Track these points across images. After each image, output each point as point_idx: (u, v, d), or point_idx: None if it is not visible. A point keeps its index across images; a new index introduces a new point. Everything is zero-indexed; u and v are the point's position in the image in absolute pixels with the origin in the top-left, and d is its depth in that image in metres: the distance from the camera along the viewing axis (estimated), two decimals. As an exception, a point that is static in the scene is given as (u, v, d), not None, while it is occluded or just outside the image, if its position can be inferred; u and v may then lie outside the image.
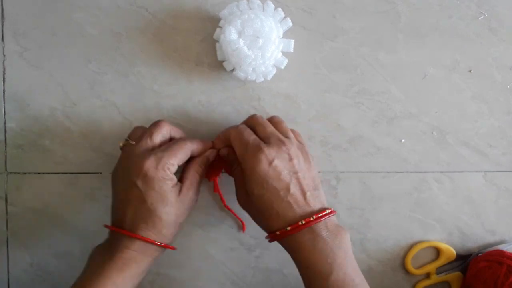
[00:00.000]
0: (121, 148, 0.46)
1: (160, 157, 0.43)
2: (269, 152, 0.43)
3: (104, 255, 0.43)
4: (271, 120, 0.47)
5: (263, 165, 0.42)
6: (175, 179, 0.44)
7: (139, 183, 0.42)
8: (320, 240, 0.42)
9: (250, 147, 0.43)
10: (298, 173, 0.43)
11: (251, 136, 0.45)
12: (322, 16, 0.52)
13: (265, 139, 0.45)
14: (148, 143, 0.44)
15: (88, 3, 0.51)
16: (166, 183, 0.43)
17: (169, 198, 0.43)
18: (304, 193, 0.43)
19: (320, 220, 0.42)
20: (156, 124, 0.46)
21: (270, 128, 0.46)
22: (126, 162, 0.44)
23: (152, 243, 0.43)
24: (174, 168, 0.44)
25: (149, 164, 0.42)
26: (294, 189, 0.43)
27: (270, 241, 0.44)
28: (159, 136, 0.45)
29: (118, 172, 0.45)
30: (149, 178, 0.42)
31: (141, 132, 0.46)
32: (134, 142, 0.45)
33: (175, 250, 0.46)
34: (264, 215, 0.43)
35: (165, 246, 0.44)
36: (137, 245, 0.42)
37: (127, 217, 0.43)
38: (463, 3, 0.52)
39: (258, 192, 0.43)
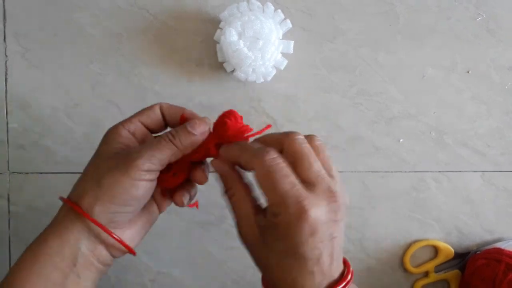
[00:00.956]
0: None
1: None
2: (316, 217, 0.32)
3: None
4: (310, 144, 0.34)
5: (304, 233, 0.32)
6: (126, 134, 0.36)
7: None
8: None
9: (291, 202, 0.31)
10: (336, 239, 0.33)
11: (289, 181, 0.32)
12: (321, 18, 0.52)
13: (309, 184, 0.33)
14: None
15: (89, 4, 0.51)
16: (110, 136, 0.36)
17: (102, 150, 0.36)
18: (332, 261, 0.33)
19: None
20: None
21: (317, 165, 0.33)
22: None
23: (63, 200, 0.36)
24: (131, 124, 0.37)
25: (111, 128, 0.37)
26: (325, 257, 0.33)
27: None
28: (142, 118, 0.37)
29: None
30: (103, 137, 0.37)
31: None
32: None
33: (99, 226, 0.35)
34: (274, 274, 0.34)
35: (73, 206, 0.34)
36: (65, 207, 0.36)
37: None
38: (461, 4, 0.53)
39: (279, 253, 0.33)
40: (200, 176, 0.38)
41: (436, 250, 0.55)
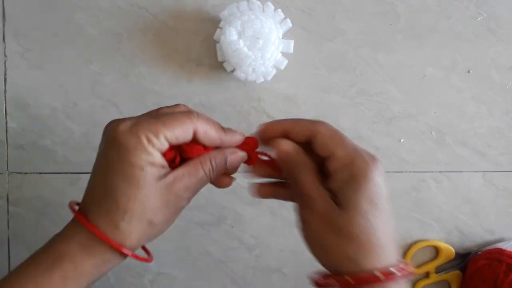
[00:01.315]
0: None
1: (138, 121, 0.31)
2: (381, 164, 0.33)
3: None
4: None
5: (380, 176, 0.32)
6: (159, 158, 0.31)
7: (106, 151, 0.32)
8: None
9: (362, 149, 0.33)
10: None
11: (351, 141, 0.34)
12: (322, 17, 0.52)
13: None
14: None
15: (89, 4, 0.51)
16: (140, 157, 0.30)
17: (139, 178, 0.30)
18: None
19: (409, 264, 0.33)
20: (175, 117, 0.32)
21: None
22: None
23: (100, 236, 0.31)
24: (159, 143, 0.31)
25: (122, 127, 0.31)
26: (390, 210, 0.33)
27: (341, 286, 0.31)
28: (169, 135, 0.31)
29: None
30: (118, 145, 0.31)
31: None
32: None
33: (148, 262, 0.35)
34: (361, 245, 0.31)
35: (118, 248, 0.31)
36: (82, 235, 0.31)
37: (84, 198, 0.33)
38: (461, 4, 0.53)
39: (367, 209, 0.31)
40: (227, 181, 0.37)
41: (437, 250, 0.55)
